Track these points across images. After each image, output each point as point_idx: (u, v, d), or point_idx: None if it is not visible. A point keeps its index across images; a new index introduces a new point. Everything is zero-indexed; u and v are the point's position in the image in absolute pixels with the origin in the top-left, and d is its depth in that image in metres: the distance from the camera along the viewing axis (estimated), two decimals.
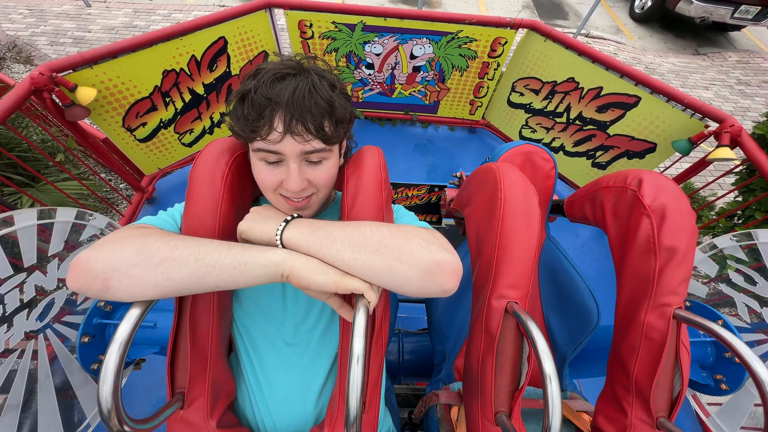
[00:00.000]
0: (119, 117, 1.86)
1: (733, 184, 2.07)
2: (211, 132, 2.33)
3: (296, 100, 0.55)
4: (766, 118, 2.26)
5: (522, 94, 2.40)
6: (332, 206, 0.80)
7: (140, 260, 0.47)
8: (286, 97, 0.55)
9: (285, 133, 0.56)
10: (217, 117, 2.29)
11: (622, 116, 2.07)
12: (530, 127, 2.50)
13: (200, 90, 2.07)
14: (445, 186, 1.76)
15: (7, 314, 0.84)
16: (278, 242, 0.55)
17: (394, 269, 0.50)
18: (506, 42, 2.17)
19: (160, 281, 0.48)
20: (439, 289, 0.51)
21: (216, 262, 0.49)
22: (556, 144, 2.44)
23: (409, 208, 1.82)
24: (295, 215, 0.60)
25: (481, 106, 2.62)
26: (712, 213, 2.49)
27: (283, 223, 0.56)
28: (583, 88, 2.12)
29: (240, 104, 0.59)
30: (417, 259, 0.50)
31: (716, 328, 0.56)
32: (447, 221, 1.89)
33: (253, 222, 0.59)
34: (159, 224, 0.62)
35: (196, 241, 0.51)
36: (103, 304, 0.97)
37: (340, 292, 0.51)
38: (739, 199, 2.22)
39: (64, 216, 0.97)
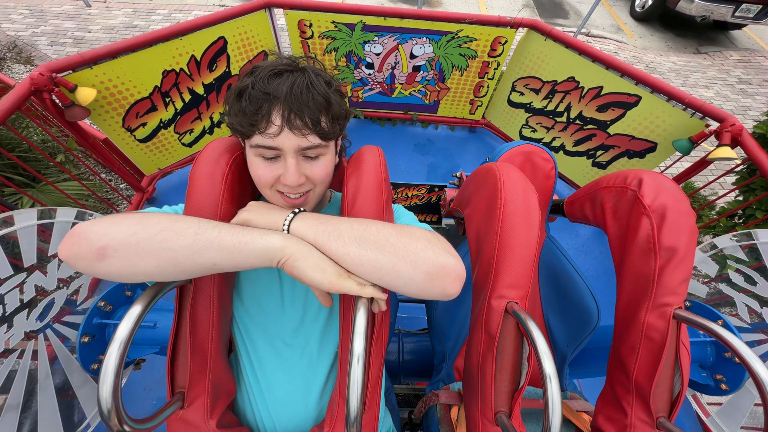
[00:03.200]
0: (119, 117, 1.86)
1: (733, 184, 2.07)
2: (211, 132, 2.33)
3: (294, 95, 0.56)
4: (766, 117, 2.26)
5: (522, 94, 2.40)
6: (329, 207, 0.80)
7: (139, 229, 0.47)
8: (284, 91, 0.55)
9: (283, 127, 0.56)
10: (217, 117, 2.29)
11: (622, 115, 2.07)
12: (530, 127, 2.50)
13: (200, 90, 2.08)
14: (445, 186, 1.76)
15: (7, 314, 0.84)
16: (285, 232, 0.55)
17: (398, 268, 0.50)
18: (506, 41, 2.16)
19: (157, 251, 0.47)
20: (441, 293, 0.51)
21: (215, 238, 0.49)
22: (556, 143, 2.44)
23: (409, 208, 1.82)
24: (301, 209, 0.61)
25: (481, 106, 2.62)
26: (713, 212, 2.48)
27: (291, 215, 0.57)
28: (583, 88, 2.11)
29: (237, 100, 0.59)
30: (422, 260, 0.50)
31: (716, 328, 0.56)
32: (447, 221, 1.89)
33: (257, 213, 0.59)
34: None
35: (197, 219, 0.51)
36: (103, 304, 0.97)
37: (333, 292, 0.51)
38: (740, 198, 2.21)
39: (64, 216, 0.98)
